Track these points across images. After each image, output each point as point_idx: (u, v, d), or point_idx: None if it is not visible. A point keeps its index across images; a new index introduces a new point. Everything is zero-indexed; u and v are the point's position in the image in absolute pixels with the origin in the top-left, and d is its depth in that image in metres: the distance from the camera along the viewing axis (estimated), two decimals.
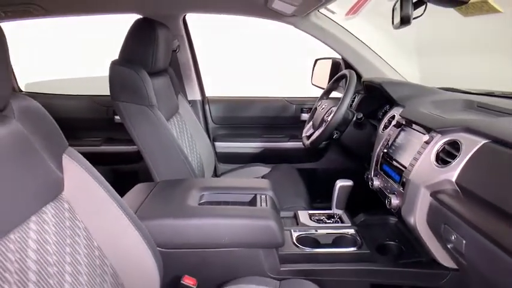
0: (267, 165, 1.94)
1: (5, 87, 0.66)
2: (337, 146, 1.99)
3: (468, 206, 0.80)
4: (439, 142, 0.94)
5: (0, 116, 0.67)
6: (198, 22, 2.02)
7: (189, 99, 2.02)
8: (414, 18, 0.99)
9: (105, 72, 1.38)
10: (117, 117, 2.05)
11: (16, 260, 0.60)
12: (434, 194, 0.90)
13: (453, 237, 0.83)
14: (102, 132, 2.12)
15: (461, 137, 0.89)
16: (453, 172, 0.85)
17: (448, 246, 0.87)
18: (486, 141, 0.82)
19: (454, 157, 0.87)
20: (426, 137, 0.99)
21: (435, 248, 0.98)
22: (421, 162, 0.97)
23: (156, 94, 1.41)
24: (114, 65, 1.37)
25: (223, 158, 2.12)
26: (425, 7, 0.97)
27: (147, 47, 1.41)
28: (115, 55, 1.43)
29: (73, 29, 2.96)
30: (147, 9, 1.71)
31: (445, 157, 0.90)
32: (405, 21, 0.91)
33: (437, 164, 0.91)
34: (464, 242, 0.79)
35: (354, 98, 1.78)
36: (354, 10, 2.20)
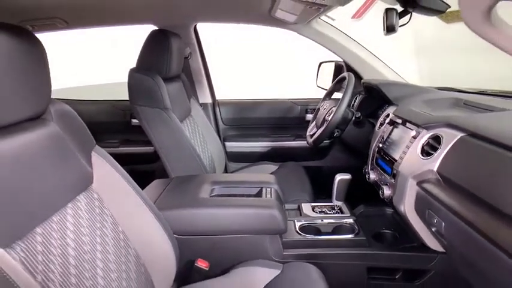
0: (274, 163, 2.04)
1: (46, 94, 0.79)
2: (341, 145, 2.09)
3: (447, 193, 0.90)
4: (424, 136, 1.04)
5: (41, 119, 0.80)
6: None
7: (200, 102, 2.14)
8: (401, 26, 1.10)
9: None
10: (133, 120, 2.20)
11: (58, 238, 0.73)
12: (420, 183, 1.00)
13: (435, 221, 0.93)
14: (119, 135, 2.26)
15: (443, 131, 0.99)
16: (435, 163, 0.95)
17: (432, 229, 0.97)
18: (463, 134, 0.93)
19: (436, 149, 0.97)
20: (414, 133, 1.09)
21: (424, 233, 1.08)
22: (409, 155, 1.07)
23: (170, 98, 1.54)
24: (133, 72, 1.51)
25: (233, 157, 2.24)
26: (411, 16, 1.08)
27: (161, 55, 1.54)
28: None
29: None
30: (161, 20, 1.85)
31: (429, 150, 1.01)
32: (390, 29, 1.02)
33: (422, 156, 1.01)
34: (443, 224, 0.89)
35: (356, 98, 1.88)
36: (359, 14, 2.31)
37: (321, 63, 2.17)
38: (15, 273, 0.61)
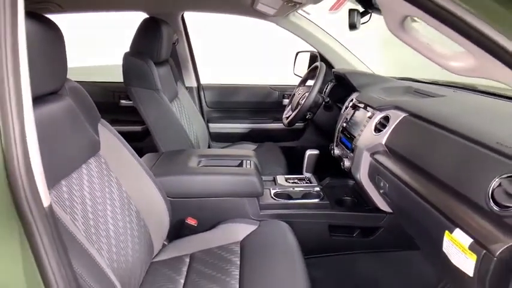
0: (253, 143, 2.24)
1: (63, 73, 0.94)
2: (313, 127, 2.32)
3: (392, 160, 1.13)
4: (377, 117, 1.27)
5: (58, 94, 0.96)
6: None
7: (186, 86, 2.29)
8: (363, 23, 1.31)
9: None
10: (122, 101, 2.34)
11: (78, 190, 0.91)
12: (372, 155, 1.23)
13: (382, 184, 1.16)
14: (109, 115, 2.37)
15: (391, 112, 1.22)
16: (384, 137, 1.18)
17: (381, 191, 1.21)
18: (406, 114, 1.15)
19: (385, 127, 1.20)
20: (369, 114, 1.32)
21: (375, 197, 1.32)
22: (365, 132, 1.30)
23: (160, 80, 1.70)
24: (127, 55, 1.66)
25: (216, 137, 2.42)
26: (370, 15, 1.29)
27: (153, 41, 1.70)
28: None
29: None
30: (151, 8, 1.99)
31: (380, 127, 1.23)
32: (352, 26, 1.23)
33: (375, 133, 1.24)
34: (387, 185, 1.12)
35: (327, 85, 2.10)
36: (336, 6, 2.51)
37: (297, 53, 2.37)
38: (56, 209, 0.78)
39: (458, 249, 0.76)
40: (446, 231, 0.80)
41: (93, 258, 0.81)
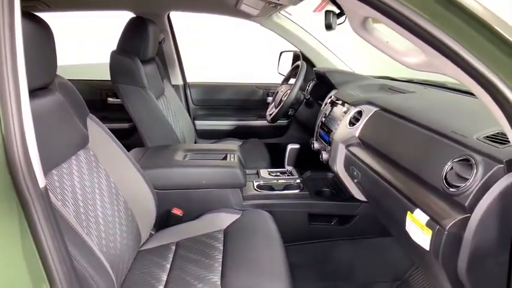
0: (239, 139, 2.31)
1: (53, 69, 1.00)
2: (297, 124, 2.40)
3: (364, 151, 1.22)
4: (352, 111, 1.35)
5: (49, 89, 1.01)
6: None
7: (172, 84, 2.35)
8: (339, 24, 1.38)
9: None
10: (109, 99, 2.38)
11: (68, 180, 0.96)
12: (347, 147, 1.31)
13: (356, 173, 1.25)
14: (97, 112, 2.41)
15: (364, 107, 1.30)
16: (357, 130, 1.27)
17: (355, 181, 1.29)
18: (377, 109, 1.24)
19: (359, 121, 1.29)
20: (345, 109, 1.40)
21: (351, 186, 1.40)
22: (341, 126, 1.38)
23: (147, 78, 1.76)
24: (115, 54, 1.71)
25: (202, 134, 2.48)
26: (346, 17, 1.37)
27: (140, 39, 1.75)
28: None
29: None
30: (138, 7, 2.04)
31: (354, 121, 1.32)
32: (328, 27, 1.30)
33: (349, 126, 1.33)
34: (360, 174, 1.21)
35: (309, 84, 2.18)
36: (319, 8, 2.59)
37: (281, 53, 2.44)
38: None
39: (417, 227, 0.84)
40: (408, 212, 0.89)
41: (85, 240, 0.87)
